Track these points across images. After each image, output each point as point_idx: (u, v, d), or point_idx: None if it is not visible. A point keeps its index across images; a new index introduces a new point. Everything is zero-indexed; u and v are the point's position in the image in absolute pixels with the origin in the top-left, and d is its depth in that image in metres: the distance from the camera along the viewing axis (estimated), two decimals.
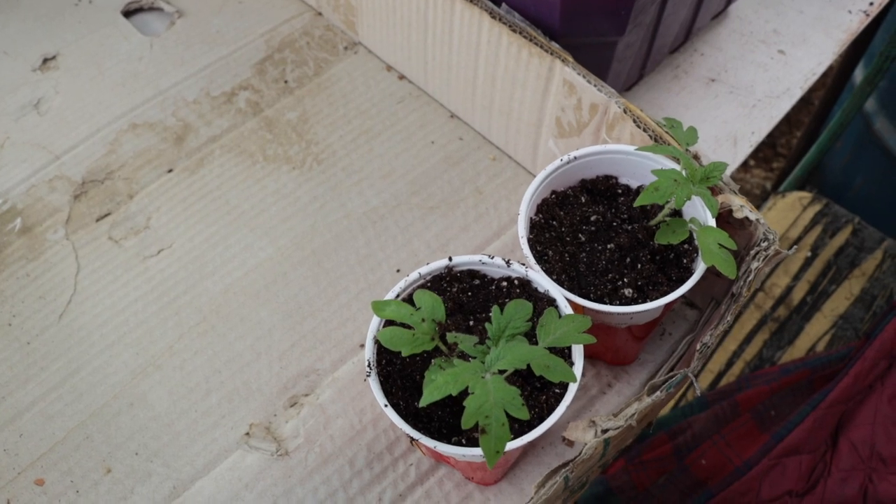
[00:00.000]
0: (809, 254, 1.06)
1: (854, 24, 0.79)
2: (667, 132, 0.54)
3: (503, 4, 0.60)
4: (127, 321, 0.60)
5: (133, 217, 0.66)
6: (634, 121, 0.55)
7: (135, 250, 0.64)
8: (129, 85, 0.74)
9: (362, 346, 0.59)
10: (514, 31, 0.59)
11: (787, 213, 1.10)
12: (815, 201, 1.11)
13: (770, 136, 1.75)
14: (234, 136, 0.71)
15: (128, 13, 0.80)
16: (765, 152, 1.73)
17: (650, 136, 0.54)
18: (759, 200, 1.64)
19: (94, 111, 0.72)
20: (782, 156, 1.73)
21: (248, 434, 0.55)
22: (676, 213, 0.52)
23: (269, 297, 0.62)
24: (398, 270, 0.63)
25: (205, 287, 0.62)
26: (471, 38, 0.63)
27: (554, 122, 0.62)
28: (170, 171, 0.69)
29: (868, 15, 0.80)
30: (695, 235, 0.50)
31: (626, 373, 0.58)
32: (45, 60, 0.76)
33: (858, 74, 1.21)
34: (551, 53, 0.58)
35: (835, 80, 1.24)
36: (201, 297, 0.62)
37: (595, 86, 0.57)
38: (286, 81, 0.74)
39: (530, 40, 0.58)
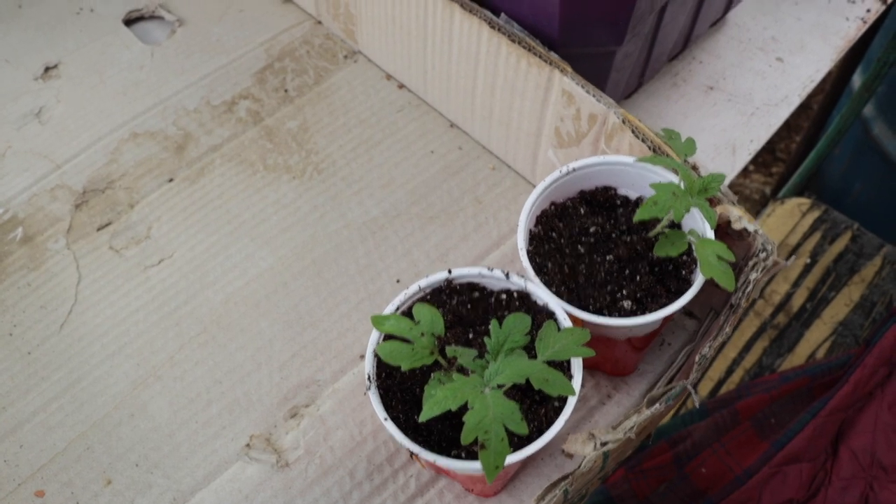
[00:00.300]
0: (809, 260, 1.06)
1: (851, 30, 0.79)
2: (665, 143, 0.54)
3: (502, 14, 0.61)
4: (128, 331, 0.61)
5: (134, 226, 0.66)
6: (633, 131, 0.55)
7: (136, 260, 0.64)
8: (130, 94, 0.74)
9: (362, 356, 0.59)
10: (514, 41, 0.59)
11: (786, 219, 1.10)
12: (814, 207, 1.11)
13: (769, 140, 1.75)
14: (234, 145, 0.71)
15: (129, 22, 0.80)
16: (764, 157, 1.73)
17: (649, 147, 0.55)
18: (758, 206, 1.64)
19: (95, 120, 0.72)
20: (781, 160, 1.73)
21: (248, 445, 0.55)
22: (675, 225, 0.52)
23: (269, 308, 0.62)
24: (398, 280, 0.63)
25: (205, 297, 0.62)
26: (470, 47, 0.63)
27: (553, 132, 0.62)
28: (170, 180, 0.69)
29: (865, 22, 0.80)
30: (693, 247, 0.50)
31: (626, 383, 0.58)
32: (47, 69, 0.76)
33: (857, 80, 1.21)
34: (550, 63, 0.58)
35: (833, 86, 1.24)
36: (202, 307, 0.62)
37: (594, 96, 0.57)
38: (286, 90, 0.74)
39: (529, 50, 0.58)
